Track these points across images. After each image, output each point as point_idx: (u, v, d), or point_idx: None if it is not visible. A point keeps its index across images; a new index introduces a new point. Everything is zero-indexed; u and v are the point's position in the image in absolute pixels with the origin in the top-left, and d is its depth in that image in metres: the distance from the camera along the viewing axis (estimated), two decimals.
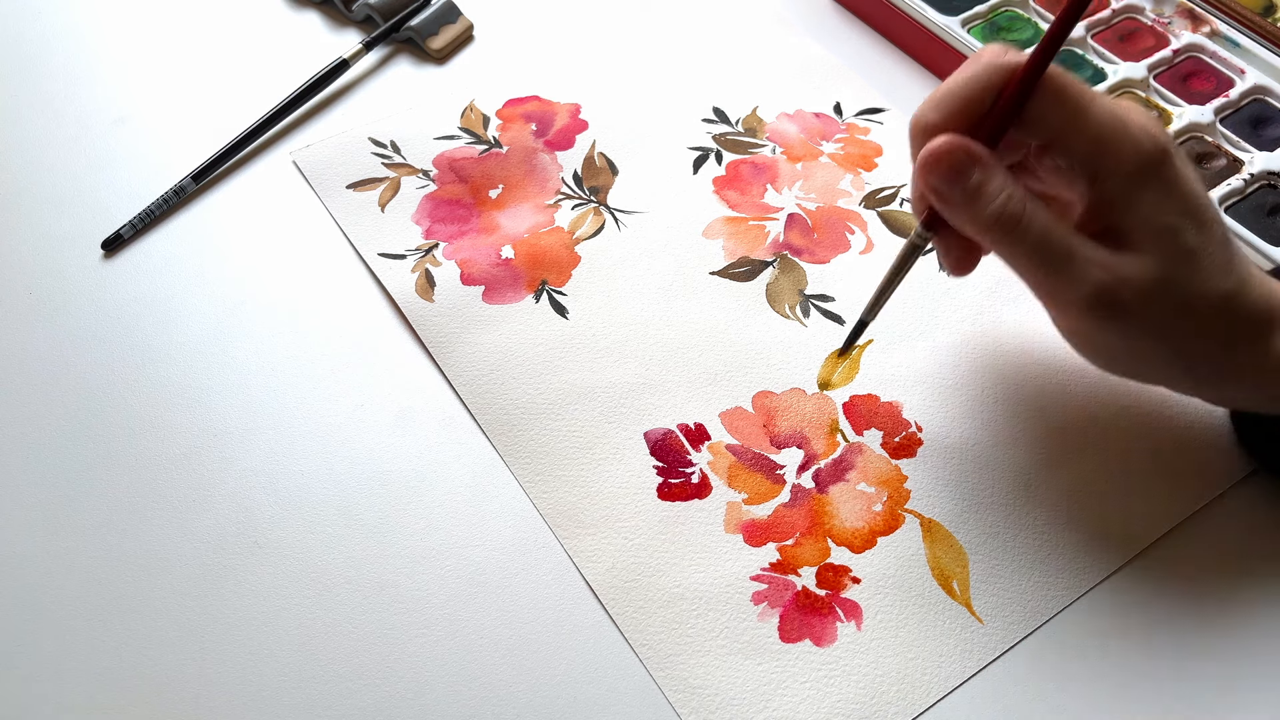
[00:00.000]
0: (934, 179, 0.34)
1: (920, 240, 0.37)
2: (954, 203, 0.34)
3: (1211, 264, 0.33)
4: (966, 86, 0.34)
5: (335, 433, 0.41)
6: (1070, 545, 0.38)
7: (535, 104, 0.53)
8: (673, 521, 0.39)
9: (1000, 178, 0.34)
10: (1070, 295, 0.34)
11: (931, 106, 0.35)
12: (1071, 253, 0.33)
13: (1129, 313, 0.33)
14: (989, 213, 0.34)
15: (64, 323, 0.44)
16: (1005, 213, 0.33)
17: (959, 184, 0.34)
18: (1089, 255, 0.33)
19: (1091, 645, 0.36)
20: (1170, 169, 0.33)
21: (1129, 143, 0.33)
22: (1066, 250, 0.33)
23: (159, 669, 0.35)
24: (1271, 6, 0.53)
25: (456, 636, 0.36)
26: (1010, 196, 0.33)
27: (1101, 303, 0.33)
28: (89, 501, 0.39)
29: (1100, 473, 0.40)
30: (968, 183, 0.34)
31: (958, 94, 0.34)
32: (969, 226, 0.35)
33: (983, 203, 0.34)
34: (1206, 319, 0.34)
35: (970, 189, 0.34)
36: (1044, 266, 0.34)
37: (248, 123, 0.51)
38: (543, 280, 0.46)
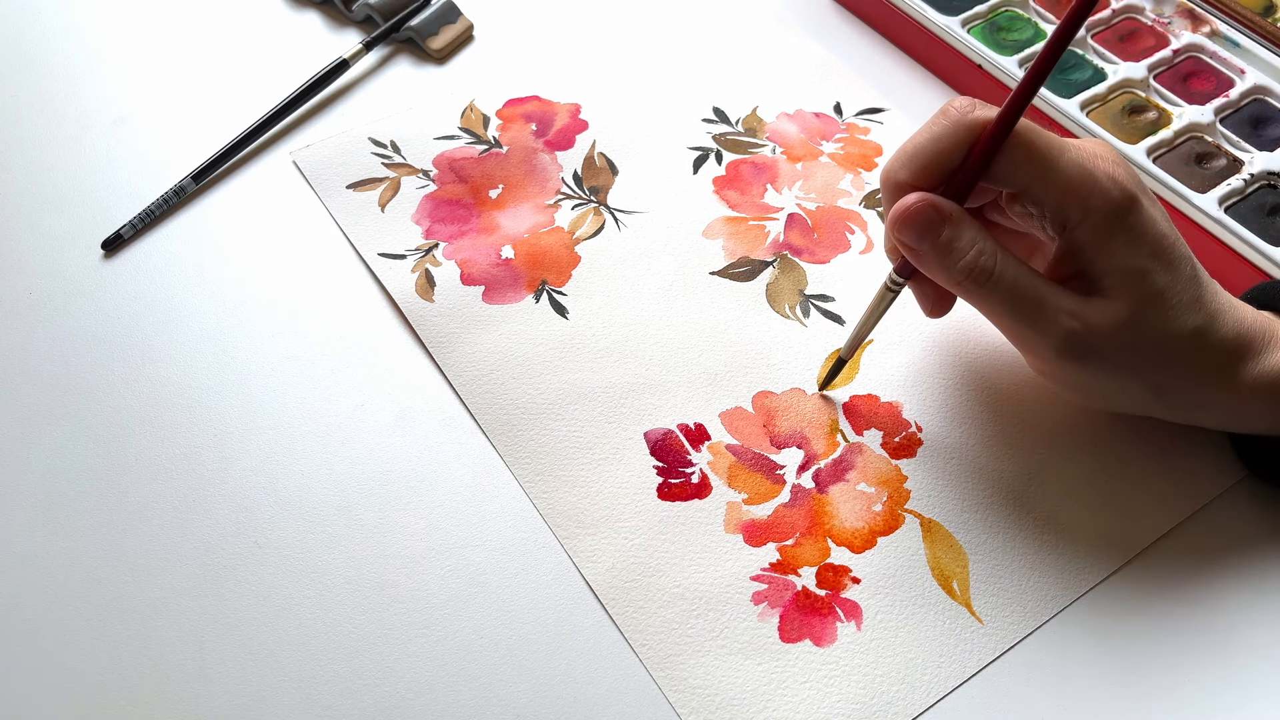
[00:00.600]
0: (905, 236, 0.35)
1: (895, 286, 0.38)
2: (925, 258, 0.35)
3: (1179, 303, 0.35)
4: (934, 144, 0.35)
5: (335, 433, 0.41)
6: (1070, 545, 0.38)
7: (535, 104, 0.53)
8: (673, 521, 0.39)
9: (970, 232, 0.35)
10: (1041, 342, 0.35)
11: (901, 164, 0.36)
12: (1041, 302, 0.35)
13: (1099, 356, 0.35)
14: (959, 267, 0.35)
15: (64, 323, 0.44)
16: (976, 267, 0.35)
17: (929, 240, 0.35)
18: (1058, 304, 0.34)
19: (1091, 645, 0.36)
20: (1138, 214, 0.34)
21: (1097, 193, 0.34)
22: (1036, 300, 0.35)
23: (159, 669, 0.35)
24: (1271, 6, 0.53)
25: (456, 636, 0.36)
26: (980, 251, 0.35)
27: (1072, 349, 0.35)
28: (89, 501, 0.39)
29: (1100, 473, 0.40)
30: (938, 239, 0.35)
31: (925, 152, 0.35)
32: (940, 279, 0.36)
33: (953, 258, 0.35)
34: (1176, 355, 0.35)
35: (941, 245, 0.35)
36: (1015, 316, 0.35)
37: (248, 123, 0.51)
38: (543, 280, 0.46)
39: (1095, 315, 0.34)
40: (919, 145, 0.35)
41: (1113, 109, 0.50)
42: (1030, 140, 0.34)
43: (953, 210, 0.35)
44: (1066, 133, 0.49)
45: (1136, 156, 0.47)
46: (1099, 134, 0.48)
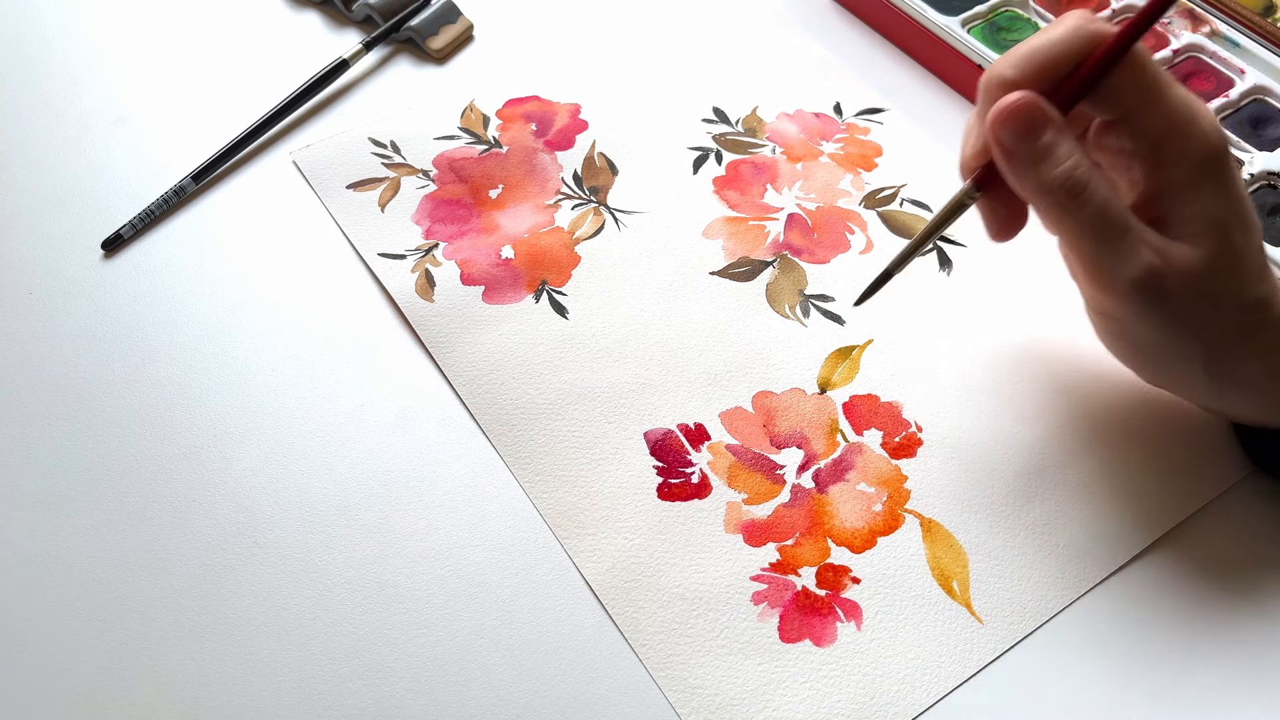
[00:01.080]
0: (1005, 134, 0.34)
1: (968, 199, 0.37)
2: (1021, 161, 0.34)
3: (1250, 268, 0.34)
4: (1049, 49, 0.34)
5: (335, 433, 0.41)
6: (1070, 545, 0.38)
7: (535, 104, 0.53)
8: (673, 521, 0.38)
9: (1070, 143, 0.33)
10: (1117, 274, 0.34)
11: (1010, 64, 0.34)
12: (1128, 230, 0.33)
13: (1170, 300, 0.34)
14: (1054, 175, 0.33)
15: (64, 323, 0.44)
16: (1071, 178, 0.33)
17: (1029, 142, 0.33)
18: (1143, 236, 0.33)
19: (1091, 645, 0.36)
20: (1228, 168, 0.34)
21: (1197, 133, 0.33)
22: (1124, 226, 0.33)
23: (159, 669, 0.35)
24: (1271, 6, 0.53)
25: (456, 636, 0.36)
26: (1077, 163, 0.33)
27: (1148, 285, 0.33)
28: (89, 501, 0.39)
29: (1100, 473, 0.40)
30: (1038, 142, 0.33)
31: (1039, 55, 0.34)
32: (1031, 187, 0.34)
33: (1050, 164, 0.33)
34: (1239, 320, 0.34)
35: (1040, 149, 0.33)
36: (1098, 240, 0.34)
37: (248, 123, 0.51)
38: (543, 280, 0.46)
39: (1177, 256, 0.33)
40: (1032, 48, 0.34)
41: None
42: (1144, 65, 0.33)
43: (1057, 115, 0.33)
44: None
45: None
46: None
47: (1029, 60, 0.34)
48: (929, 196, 0.49)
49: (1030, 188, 0.34)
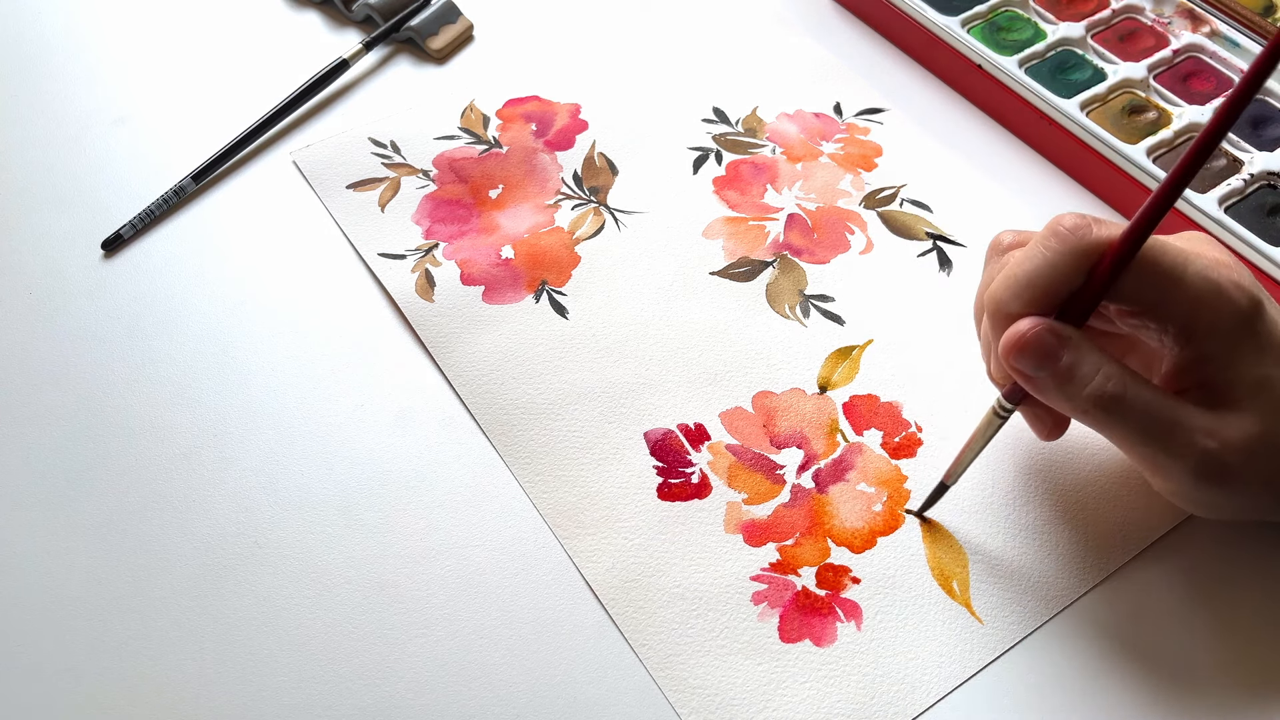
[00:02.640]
0: (1021, 364, 0.33)
1: (1004, 412, 0.35)
2: (1045, 386, 0.33)
3: None
4: (1050, 271, 0.32)
5: (335, 433, 0.41)
6: (1070, 545, 0.38)
7: (535, 104, 0.53)
8: (673, 521, 0.39)
9: (1093, 357, 0.32)
10: (1174, 468, 0.33)
11: (1013, 294, 0.33)
12: (1175, 424, 0.32)
13: (1236, 474, 0.33)
14: (1085, 395, 0.32)
15: (64, 323, 0.44)
16: (1104, 394, 0.32)
17: (1048, 368, 0.32)
18: (1192, 423, 0.32)
19: (1092, 645, 0.36)
20: (1264, 320, 0.33)
21: (1225, 304, 0.32)
22: (1170, 422, 0.32)
23: (159, 669, 0.35)
24: (1271, 6, 0.53)
25: (456, 636, 0.36)
26: (1107, 376, 0.32)
27: (1209, 470, 0.32)
28: (89, 501, 0.39)
29: (1100, 473, 0.40)
30: (1058, 366, 0.32)
31: (1041, 279, 0.33)
32: (1062, 408, 0.33)
33: (1076, 385, 0.32)
34: None
35: (1061, 372, 0.32)
36: (1148, 442, 0.33)
37: (248, 123, 0.51)
38: (543, 280, 0.46)
39: (1230, 431, 0.32)
40: (1033, 273, 0.33)
41: (1113, 109, 0.50)
42: (1156, 258, 0.32)
43: (1072, 334, 0.32)
44: (1057, 125, 0.49)
45: (1136, 156, 0.47)
46: (1099, 134, 0.48)
47: (1030, 289, 0.33)
48: (929, 196, 0.49)
49: (1064, 408, 0.33)
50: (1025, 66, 0.51)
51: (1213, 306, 0.32)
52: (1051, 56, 0.52)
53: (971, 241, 0.47)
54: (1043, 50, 0.52)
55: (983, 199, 0.49)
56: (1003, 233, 0.37)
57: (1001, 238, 0.37)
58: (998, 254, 0.36)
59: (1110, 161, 0.48)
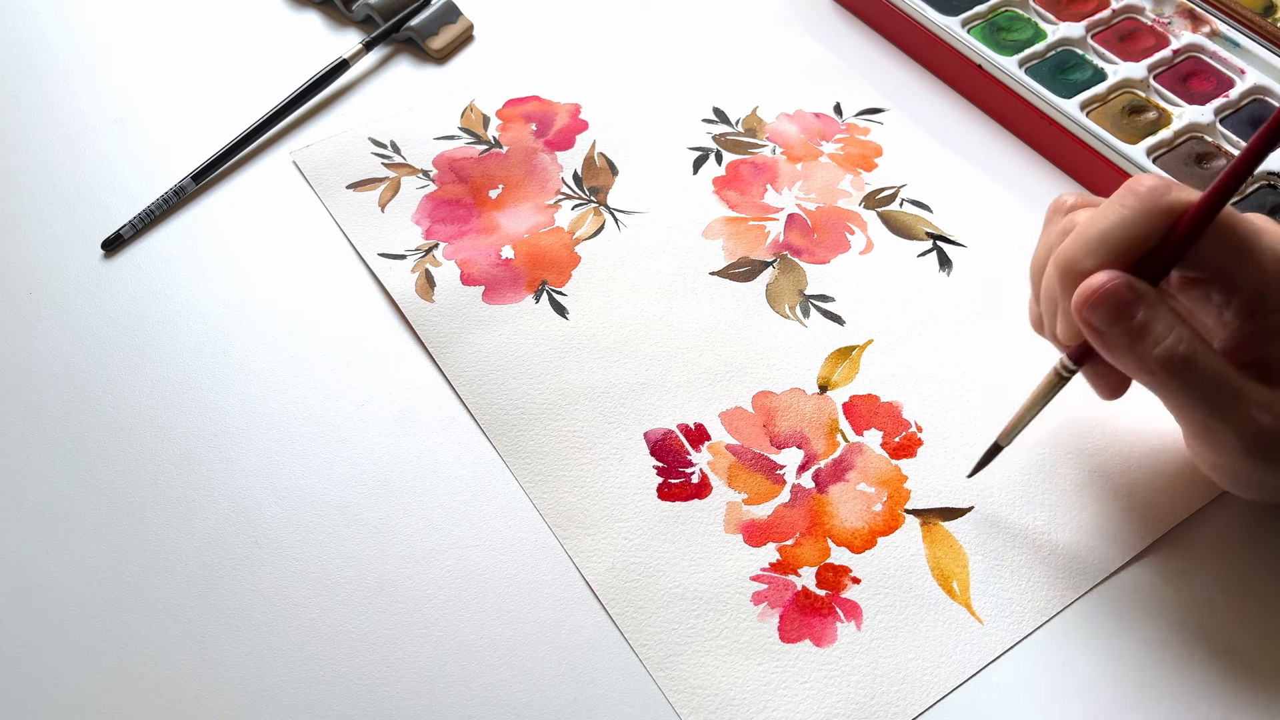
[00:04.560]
0: (1095, 317, 0.32)
1: (1067, 373, 0.35)
2: (1116, 344, 0.32)
3: None
4: (1127, 229, 0.32)
5: (335, 433, 0.41)
6: (1070, 545, 0.38)
7: (535, 104, 0.53)
8: (673, 521, 0.39)
9: (1167, 316, 0.32)
10: (1229, 438, 0.33)
11: (1087, 251, 0.33)
12: (1239, 395, 0.32)
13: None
14: (1156, 354, 0.32)
15: (64, 323, 0.44)
16: (1175, 355, 0.32)
17: (1122, 323, 0.32)
18: (1254, 397, 0.32)
19: (1091, 645, 0.36)
20: None
21: None
22: (1235, 393, 0.32)
23: (159, 669, 0.35)
24: (1271, 6, 0.53)
25: (456, 636, 0.36)
26: (1179, 337, 0.32)
27: (1264, 444, 0.32)
28: (89, 501, 0.39)
29: (1100, 473, 0.40)
30: (1131, 322, 0.32)
31: (1117, 237, 0.32)
32: (1133, 367, 0.33)
33: (1148, 343, 0.32)
34: None
35: (1135, 328, 0.32)
36: (1210, 409, 0.32)
37: (248, 123, 0.51)
38: (543, 280, 0.46)
39: None
40: (1109, 229, 0.32)
41: (1113, 109, 0.50)
42: (1232, 225, 0.32)
43: (1147, 290, 0.32)
44: (1057, 125, 0.49)
45: (1136, 156, 0.47)
46: (1099, 134, 0.48)
47: (1105, 246, 0.32)
48: (929, 196, 0.49)
49: (1132, 368, 0.33)
50: (1025, 66, 0.51)
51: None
52: (1051, 56, 0.52)
53: (971, 241, 0.47)
54: (1043, 50, 0.52)
55: (983, 199, 0.49)
56: (1065, 194, 0.36)
57: (1064, 199, 0.36)
58: (1059, 214, 0.36)
59: (1110, 161, 0.48)
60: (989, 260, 0.46)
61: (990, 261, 0.46)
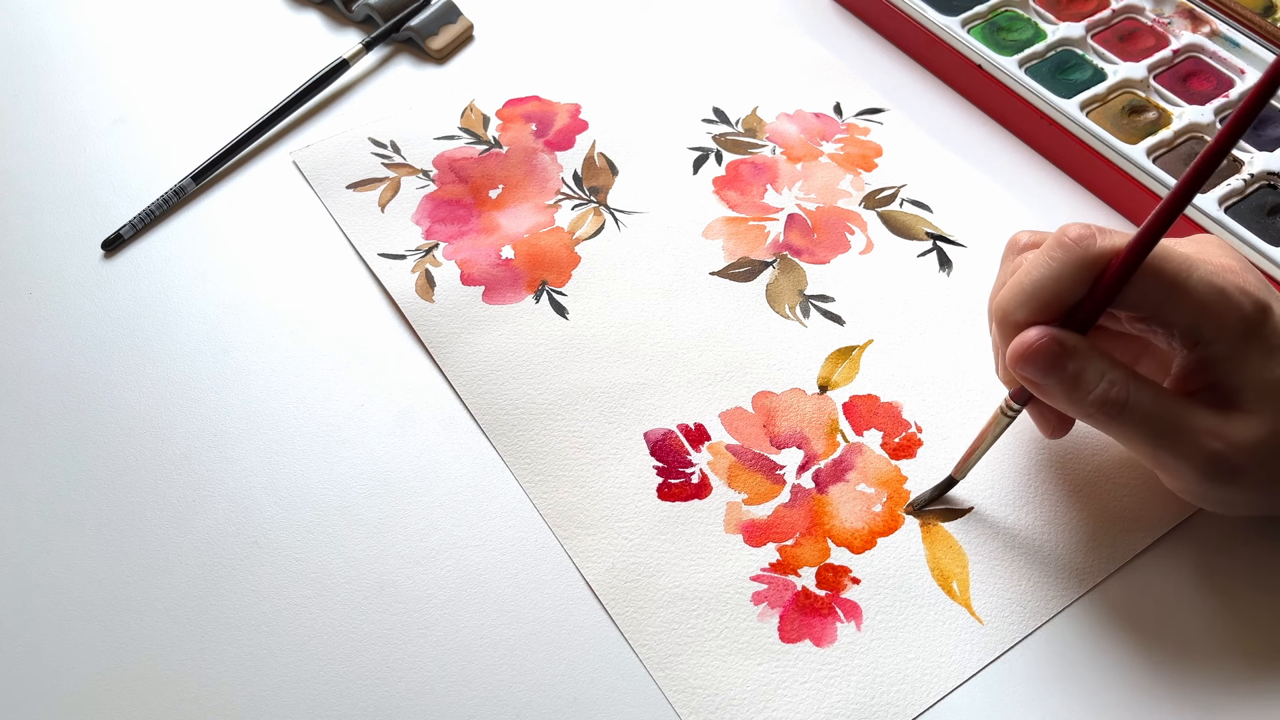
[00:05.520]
0: (1027, 372, 0.33)
1: (1011, 411, 0.36)
2: (1052, 393, 0.34)
3: None
4: (1055, 282, 0.33)
5: (335, 433, 0.41)
6: (1070, 545, 0.38)
7: (535, 104, 0.53)
8: (673, 521, 0.39)
9: (1097, 364, 0.33)
10: (1182, 468, 0.34)
11: (1018, 304, 0.34)
12: (1180, 426, 0.33)
13: (1244, 473, 0.33)
14: (1090, 400, 0.33)
15: (64, 323, 0.44)
16: (1107, 400, 0.33)
17: (1054, 375, 0.33)
18: (1198, 425, 0.33)
19: (1091, 645, 0.36)
20: (1272, 324, 0.33)
21: (1231, 309, 0.33)
22: (1176, 425, 0.33)
23: (159, 669, 0.35)
24: (1271, 6, 0.53)
25: (456, 636, 0.36)
26: (1111, 382, 0.33)
27: (1216, 470, 0.33)
28: (89, 501, 0.39)
29: (1100, 473, 0.40)
30: (1064, 374, 0.33)
31: (1046, 290, 0.33)
32: (1069, 412, 0.34)
33: (1082, 391, 0.33)
34: None
35: (1067, 379, 0.33)
36: (1153, 443, 0.33)
37: (248, 123, 0.51)
38: (543, 280, 0.46)
39: (1237, 433, 0.33)
40: (1038, 282, 0.33)
41: (1113, 109, 0.50)
42: (1160, 266, 0.32)
43: (1078, 343, 0.33)
44: (1057, 125, 0.49)
45: (1136, 156, 0.47)
46: (1099, 134, 0.48)
47: (1035, 299, 0.33)
48: (929, 196, 0.49)
49: (1072, 412, 0.34)
50: (1025, 66, 0.51)
51: (1217, 312, 0.33)
52: (1051, 56, 0.52)
53: (971, 241, 0.47)
54: (1043, 50, 0.52)
55: (983, 199, 0.49)
56: (1020, 232, 0.37)
57: (1018, 237, 0.37)
58: (1014, 254, 0.37)
59: (1110, 162, 0.48)
60: (989, 260, 0.46)
61: (990, 261, 0.46)
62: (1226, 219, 0.45)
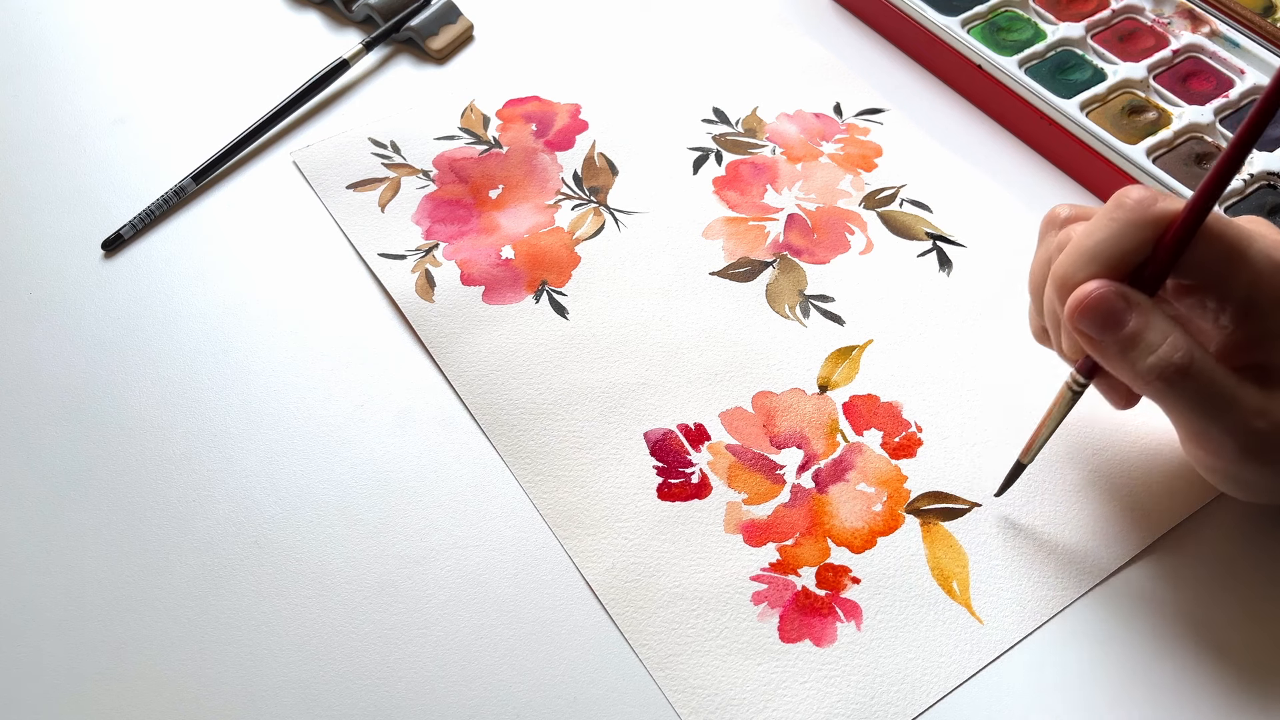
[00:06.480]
0: (1085, 325, 0.32)
1: (1078, 386, 0.35)
2: (1109, 351, 0.33)
3: None
4: (1116, 242, 0.32)
5: (335, 433, 0.41)
6: (1070, 545, 0.38)
7: (535, 104, 0.53)
8: (673, 521, 0.39)
9: (1160, 324, 0.32)
10: (1225, 443, 0.33)
11: (1080, 265, 0.33)
12: (1233, 400, 0.32)
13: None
14: (1150, 363, 0.32)
15: (64, 323, 0.44)
16: (1169, 363, 0.32)
17: (1113, 331, 0.32)
18: (1249, 402, 0.32)
19: (1091, 645, 0.36)
20: None
21: None
22: (1229, 399, 0.32)
23: (159, 669, 0.35)
24: (1271, 6, 0.53)
25: (456, 636, 0.36)
26: (1174, 345, 0.32)
27: (1259, 448, 0.33)
28: (89, 502, 0.39)
29: (1100, 473, 0.40)
30: (1123, 330, 0.32)
31: (1107, 250, 0.32)
32: (1125, 375, 0.33)
33: (1141, 351, 0.32)
34: None
35: (1127, 337, 0.32)
36: (1205, 415, 0.33)
37: (248, 123, 0.51)
38: (543, 280, 0.46)
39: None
40: (1100, 243, 0.32)
41: (1113, 109, 0.50)
42: (1221, 232, 0.32)
43: (1141, 299, 0.32)
44: (1057, 125, 0.49)
45: (1136, 157, 0.47)
46: (1099, 134, 0.48)
47: (1097, 260, 0.32)
48: (929, 197, 0.49)
49: (1126, 375, 0.33)
50: (1025, 66, 0.51)
51: (1274, 284, 0.32)
52: (1051, 56, 0.52)
53: (971, 241, 0.47)
54: (1043, 50, 0.52)
55: (983, 199, 0.49)
56: (1058, 206, 0.37)
57: (1058, 211, 0.36)
58: (1054, 227, 0.36)
59: (1110, 162, 0.48)
60: (989, 260, 0.46)
61: (990, 261, 0.46)
62: None
